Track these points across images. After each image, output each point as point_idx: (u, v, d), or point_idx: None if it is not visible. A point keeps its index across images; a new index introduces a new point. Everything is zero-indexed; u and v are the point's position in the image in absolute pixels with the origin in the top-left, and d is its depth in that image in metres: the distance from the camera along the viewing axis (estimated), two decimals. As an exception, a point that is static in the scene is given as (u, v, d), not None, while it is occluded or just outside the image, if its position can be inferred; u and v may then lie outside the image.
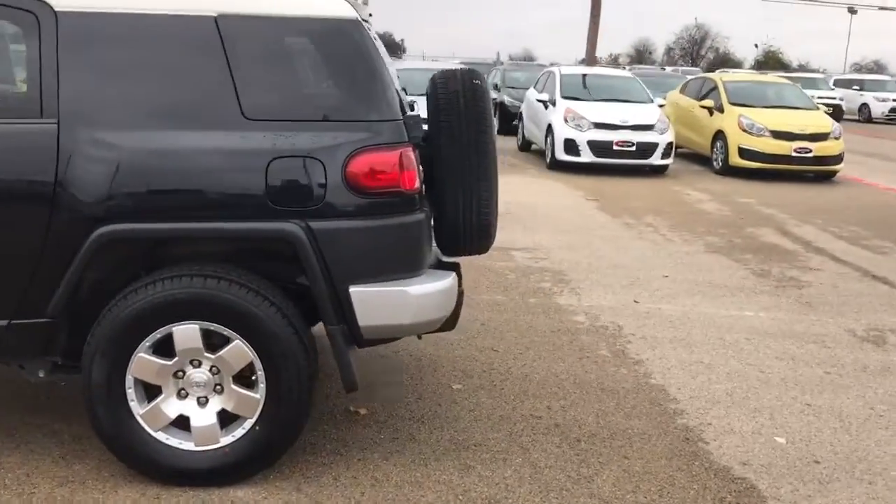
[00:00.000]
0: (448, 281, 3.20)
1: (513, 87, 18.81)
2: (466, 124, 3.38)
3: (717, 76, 15.62)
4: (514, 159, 14.29)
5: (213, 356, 3.02)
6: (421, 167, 3.23)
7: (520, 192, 10.79)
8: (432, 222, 3.43)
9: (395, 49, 71.50)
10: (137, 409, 3.03)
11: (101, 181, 2.88)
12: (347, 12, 3.06)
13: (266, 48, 3.00)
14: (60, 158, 2.86)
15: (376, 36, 3.98)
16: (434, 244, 3.58)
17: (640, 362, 4.66)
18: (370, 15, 3.84)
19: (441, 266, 3.64)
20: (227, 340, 3.00)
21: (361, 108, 3.04)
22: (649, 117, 12.73)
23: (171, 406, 3.06)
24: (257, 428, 3.07)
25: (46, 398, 3.82)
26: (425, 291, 3.10)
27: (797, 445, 3.72)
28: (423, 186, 3.26)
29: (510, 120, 16.81)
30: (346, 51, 3.05)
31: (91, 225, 2.88)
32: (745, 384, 4.40)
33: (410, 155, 3.05)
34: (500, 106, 18.68)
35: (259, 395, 3.05)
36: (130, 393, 3.01)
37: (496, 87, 19.45)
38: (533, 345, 4.87)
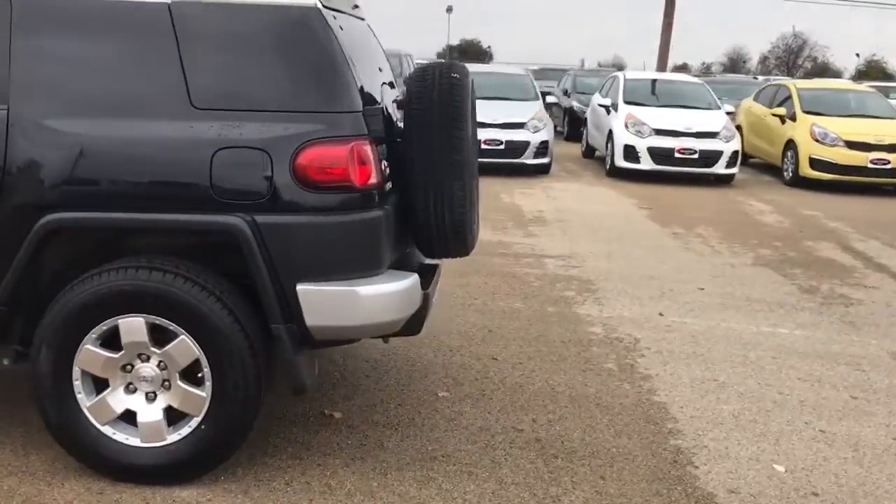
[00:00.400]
0: (406, 282, 3.05)
1: (583, 93, 18.43)
2: (439, 120, 3.22)
3: (792, 82, 14.95)
4: (574, 165, 13.99)
5: (160, 351, 2.95)
6: (384, 162, 3.09)
7: (571, 198, 10.53)
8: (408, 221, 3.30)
9: (482, 55, 71.51)
10: (84, 401, 2.98)
11: (47, 169, 2.85)
12: (305, 0, 2.94)
13: (219, 36, 2.91)
14: (9, 144, 2.84)
15: (368, 27, 3.88)
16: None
17: (647, 377, 4.39)
18: (355, 6, 3.73)
19: (421, 268, 3.50)
20: (174, 335, 2.92)
21: (315, 99, 2.93)
22: (714, 124, 12.24)
23: (119, 400, 3.00)
24: (203, 427, 2.98)
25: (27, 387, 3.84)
26: (378, 292, 2.95)
27: (797, 475, 3.41)
28: (388, 183, 3.12)
29: (578, 126, 16.48)
30: (302, 39, 2.93)
31: (38, 213, 2.84)
32: (756, 406, 4.09)
33: (365, 149, 2.92)
34: (569, 111, 18.38)
35: (205, 393, 2.96)
36: (77, 385, 2.97)
37: (566, 93, 19.14)
38: (537, 355, 4.66)
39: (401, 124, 3.34)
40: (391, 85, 3.71)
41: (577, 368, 4.48)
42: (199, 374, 2.96)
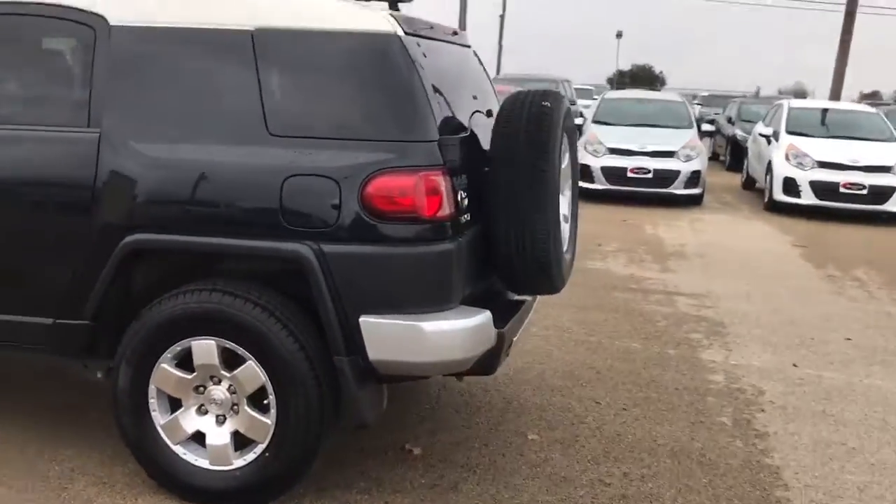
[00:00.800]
0: (476, 320, 2.90)
1: (748, 121, 17.49)
2: (524, 150, 3.07)
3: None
4: (731, 197, 13.27)
5: (229, 374, 2.96)
6: (462, 193, 2.97)
7: (719, 232, 9.96)
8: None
9: (653, 81, 69.93)
10: (159, 419, 3.04)
11: (130, 190, 2.94)
12: (384, 27, 2.89)
13: (296, 63, 2.91)
14: (99, 165, 2.95)
15: (470, 54, 3.79)
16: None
17: (764, 436, 3.99)
18: (455, 33, 3.65)
19: (503, 303, 3.35)
20: (243, 360, 2.93)
21: (388, 127, 2.86)
22: (887, 158, 11.23)
23: (190, 421, 3.04)
24: (267, 454, 2.96)
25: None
26: (444, 329, 2.83)
27: (922, 567, 2.96)
28: (465, 214, 3.00)
29: (741, 155, 15.66)
30: (378, 67, 2.88)
31: (121, 233, 2.94)
32: (889, 480, 3.61)
33: (435, 179, 2.81)
34: (732, 141, 17.53)
35: (270, 420, 2.94)
36: (153, 403, 3.03)
37: (730, 121, 18.26)
38: (645, 402, 4.35)
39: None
40: (488, 113, 3.59)
41: (685, 420, 4.14)
42: (265, 401, 2.94)
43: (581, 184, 11.61)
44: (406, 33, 2.94)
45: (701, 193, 11.83)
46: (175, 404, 3.05)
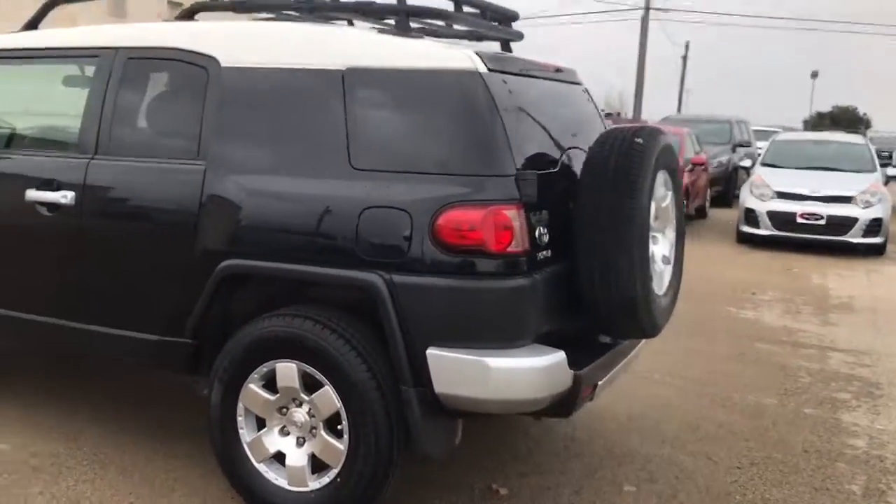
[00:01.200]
0: (546, 359, 2.83)
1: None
2: (610, 187, 2.99)
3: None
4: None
5: (308, 398, 3.06)
6: (541, 229, 2.93)
7: (897, 286, 9.11)
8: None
9: (856, 123, 65.62)
10: (245, 437, 3.18)
11: (227, 218, 3.13)
12: (465, 64, 2.92)
13: (381, 100, 3.00)
14: (203, 195, 3.17)
15: (577, 91, 3.76)
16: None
17: (897, 510, 3.59)
18: (558, 70, 3.63)
19: (591, 346, 3.26)
20: (320, 384, 3.02)
21: (462, 161, 2.87)
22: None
23: (273, 441, 3.15)
24: (339, 479, 3.01)
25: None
26: (510, 366, 2.78)
27: None
28: (543, 251, 2.95)
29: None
30: (458, 103, 2.91)
31: (218, 258, 3.13)
32: None
33: (507, 214, 2.78)
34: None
35: (343, 445, 2.99)
36: (241, 420, 3.17)
37: (889, 157, 16.76)
38: (765, 462, 4.03)
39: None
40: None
41: (807, 485, 3.80)
42: (339, 426, 3.01)
43: (745, 228, 11.17)
44: (490, 70, 2.96)
45: (882, 243, 10.88)
46: (260, 423, 3.18)
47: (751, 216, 11.20)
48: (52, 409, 4.13)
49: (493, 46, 3.81)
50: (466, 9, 3.55)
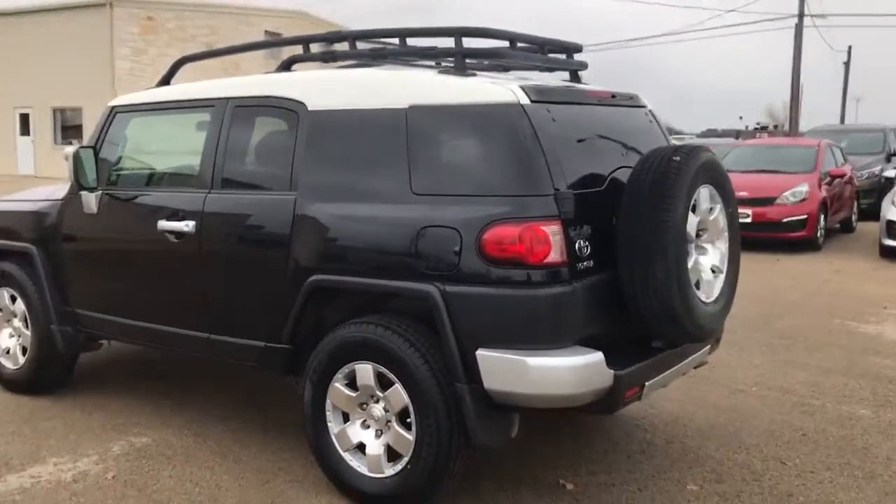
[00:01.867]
0: (582, 359, 3.13)
1: None
2: (647, 200, 3.27)
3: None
4: None
5: (383, 395, 3.50)
6: (581, 242, 3.24)
7: None
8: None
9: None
10: (333, 429, 3.65)
11: (313, 240, 3.65)
12: (508, 98, 3.30)
13: (435, 132, 3.42)
14: (294, 221, 3.70)
15: (646, 114, 4.05)
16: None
17: (968, 516, 3.57)
18: (612, 96, 3.92)
19: (638, 349, 3.51)
20: (392, 382, 3.45)
21: (505, 184, 3.23)
22: None
23: (355, 432, 3.61)
24: (409, 467, 3.43)
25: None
26: (548, 365, 3.10)
27: None
28: (583, 262, 3.25)
29: None
30: (502, 132, 3.28)
31: (308, 274, 3.65)
32: None
33: (543, 230, 3.12)
34: None
35: (412, 437, 3.41)
36: (329, 415, 3.66)
37: None
38: (842, 467, 4.09)
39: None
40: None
41: (879, 490, 3.84)
42: (408, 420, 3.43)
43: (886, 241, 10.73)
44: (532, 101, 3.32)
45: None
46: (345, 417, 3.65)
47: (892, 228, 10.75)
48: (186, 409, 4.80)
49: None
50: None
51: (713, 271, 3.65)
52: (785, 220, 11.43)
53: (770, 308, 7.92)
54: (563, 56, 4.21)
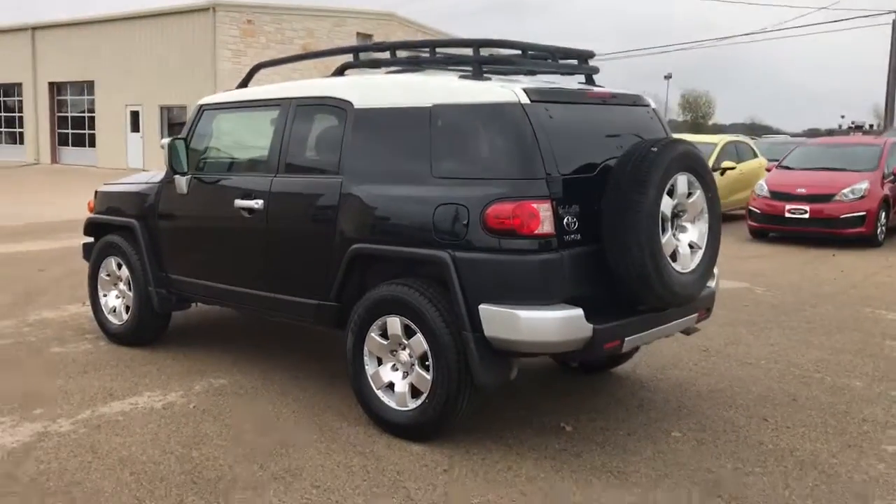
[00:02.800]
0: (564, 313, 3.80)
1: None
2: (626, 184, 3.93)
3: None
4: None
5: (407, 342, 4.26)
6: (568, 218, 3.92)
7: None
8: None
9: None
10: (369, 371, 4.44)
11: (354, 215, 4.44)
12: (510, 98, 4.00)
13: (451, 125, 4.15)
14: (340, 200, 4.51)
15: (647, 113, 4.67)
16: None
17: (915, 465, 4.07)
18: (612, 96, 4.56)
19: (620, 310, 4.12)
20: (414, 332, 4.20)
21: (505, 169, 3.94)
22: None
23: (386, 374, 4.38)
24: (427, 401, 4.18)
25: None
26: (534, 316, 3.80)
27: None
28: (571, 235, 3.93)
29: None
30: (503, 126, 3.99)
31: (350, 243, 4.44)
32: None
33: (534, 206, 3.81)
34: None
35: (430, 377, 4.15)
36: (366, 360, 4.44)
37: None
38: (818, 426, 4.60)
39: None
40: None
41: (844, 443, 4.36)
42: (427, 363, 4.17)
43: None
44: (532, 101, 4.02)
45: None
46: (378, 362, 4.43)
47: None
48: (258, 360, 5.68)
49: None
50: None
51: (691, 246, 4.26)
52: (843, 216, 11.64)
53: (807, 297, 8.32)
54: (576, 62, 4.88)
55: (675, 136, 4.80)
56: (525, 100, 4.01)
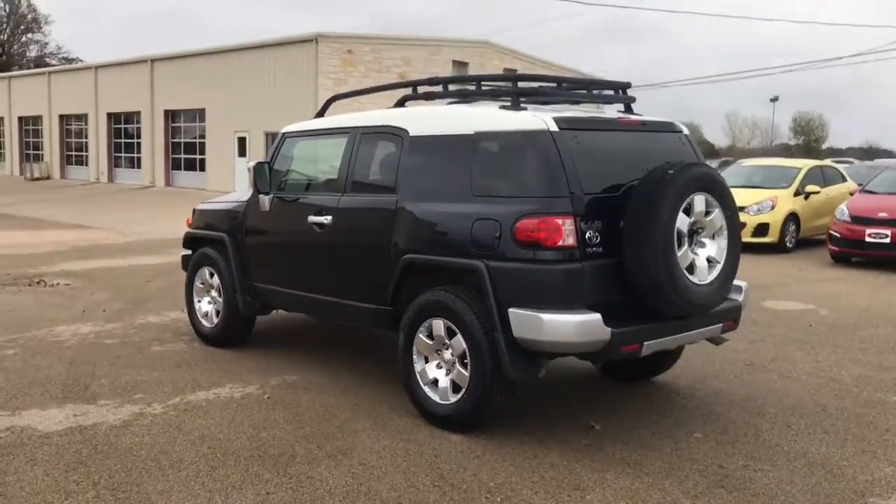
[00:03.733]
0: (583, 317, 4.24)
1: None
2: (644, 202, 4.37)
3: None
4: None
5: (449, 342, 4.79)
6: (590, 232, 4.38)
7: None
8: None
9: None
10: (417, 368, 4.99)
11: (406, 229, 5.01)
12: (540, 126, 4.50)
13: (490, 150, 4.68)
14: (395, 216, 5.10)
15: (678, 139, 5.10)
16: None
17: (922, 470, 4.31)
18: (644, 123, 4.99)
19: (639, 317, 4.53)
20: (455, 333, 4.73)
21: (536, 188, 4.43)
22: None
23: (432, 371, 4.92)
24: (465, 396, 4.69)
25: (446, 375, 6.00)
26: (556, 319, 4.25)
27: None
28: (593, 247, 4.39)
29: None
30: (533, 151, 4.49)
31: (403, 253, 5.02)
32: None
33: (555, 221, 4.29)
34: None
35: (468, 374, 4.67)
36: (414, 358, 4.99)
37: None
38: (840, 433, 4.86)
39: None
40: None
41: (859, 449, 4.60)
42: (465, 361, 4.69)
43: None
44: (561, 129, 4.51)
45: None
46: (425, 360, 4.97)
47: None
48: (327, 360, 6.32)
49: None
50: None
51: (709, 261, 4.64)
52: (925, 241, 11.49)
53: (870, 318, 8.40)
54: (612, 92, 5.35)
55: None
56: (554, 127, 4.51)
